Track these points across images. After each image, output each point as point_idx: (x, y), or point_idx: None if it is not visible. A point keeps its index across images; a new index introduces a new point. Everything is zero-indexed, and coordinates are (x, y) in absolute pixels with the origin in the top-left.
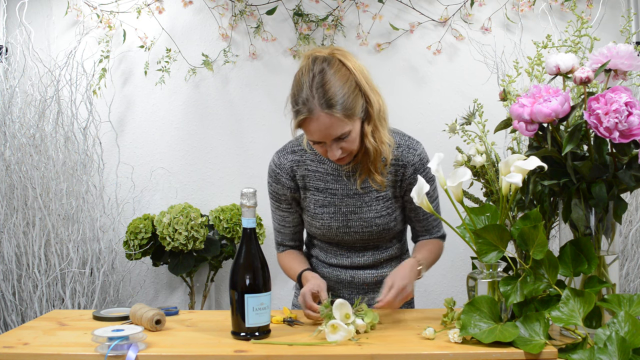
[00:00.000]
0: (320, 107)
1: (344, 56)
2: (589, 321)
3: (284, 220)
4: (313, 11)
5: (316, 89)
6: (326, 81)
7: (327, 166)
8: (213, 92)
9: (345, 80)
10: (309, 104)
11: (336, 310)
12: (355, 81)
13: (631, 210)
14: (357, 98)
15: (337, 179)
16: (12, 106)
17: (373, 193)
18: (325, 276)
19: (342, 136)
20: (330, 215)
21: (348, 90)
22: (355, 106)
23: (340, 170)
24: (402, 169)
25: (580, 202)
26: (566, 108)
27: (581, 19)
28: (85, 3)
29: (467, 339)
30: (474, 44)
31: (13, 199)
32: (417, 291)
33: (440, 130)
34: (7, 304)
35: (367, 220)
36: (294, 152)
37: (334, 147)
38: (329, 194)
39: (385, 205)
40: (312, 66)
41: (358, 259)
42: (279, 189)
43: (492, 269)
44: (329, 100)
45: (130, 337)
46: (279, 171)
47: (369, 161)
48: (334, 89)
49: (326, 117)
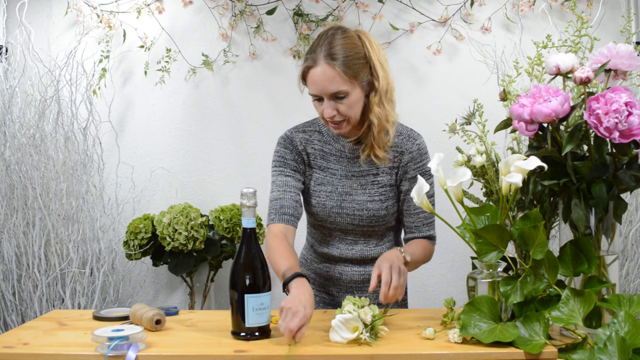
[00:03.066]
0: (323, 58)
1: (362, 33)
2: (589, 321)
3: (286, 185)
4: (313, 11)
5: (324, 44)
6: (335, 40)
7: (332, 147)
8: (213, 92)
9: (353, 47)
10: (315, 54)
11: (343, 324)
12: (365, 53)
13: (631, 210)
14: (362, 66)
15: (340, 159)
16: (12, 106)
17: (370, 177)
18: (316, 272)
19: (338, 94)
20: (326, 194)
21: (353, 54)
22: (357, 70)
23: (344, 151)
24: (400, 155)
25: (580, 202)
26: (566, 108)
27: (581, 19)
28: (85, 3)
29: (467, 339)
30: (474, 44)
31: (13, 199)
32: (417, 291)
33: (440, 130)
34: (7, 304)
35: (359, 203)
36: (304, 131)
37: (329, 105)
38: (329, 173)
39: (379, 191)
40: (328, 30)
41: (347, 252)
42: (287, 153)
43: (492, 269)
44: (332, 54)
45: (130, 337)
46: (290, 140)
47: (373, 136)
48: (340, 47)
49: (326, 67)
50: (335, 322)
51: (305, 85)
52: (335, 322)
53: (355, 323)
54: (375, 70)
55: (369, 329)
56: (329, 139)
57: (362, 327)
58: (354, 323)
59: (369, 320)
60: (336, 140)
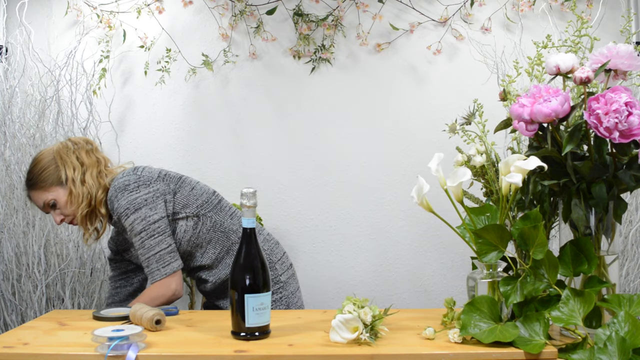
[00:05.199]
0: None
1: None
2: (589, 321)
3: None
4: (313, 11)
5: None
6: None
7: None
8: (213, 92)
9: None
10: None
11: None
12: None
13: (631, 210)
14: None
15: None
16: (12, 106)
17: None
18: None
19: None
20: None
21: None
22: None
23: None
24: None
25: (580, 202)
26: (566, 108)
27: (581, 19)
28: (85, 3)
29: (467, 339)
30: (474, 44)
31: (13, 199)
32: (417, 291)
33: (440, 130)
34: (7, 304)
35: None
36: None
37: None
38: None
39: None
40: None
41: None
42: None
43: (492, 269)
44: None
45: (130, 337)
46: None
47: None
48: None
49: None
50: (335, 322)
51: None
52: (335, 322)
53: (355, 323)
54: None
55: (369, 329)
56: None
57: (362, 327)
58: (354, 323)
59: (369, 320)
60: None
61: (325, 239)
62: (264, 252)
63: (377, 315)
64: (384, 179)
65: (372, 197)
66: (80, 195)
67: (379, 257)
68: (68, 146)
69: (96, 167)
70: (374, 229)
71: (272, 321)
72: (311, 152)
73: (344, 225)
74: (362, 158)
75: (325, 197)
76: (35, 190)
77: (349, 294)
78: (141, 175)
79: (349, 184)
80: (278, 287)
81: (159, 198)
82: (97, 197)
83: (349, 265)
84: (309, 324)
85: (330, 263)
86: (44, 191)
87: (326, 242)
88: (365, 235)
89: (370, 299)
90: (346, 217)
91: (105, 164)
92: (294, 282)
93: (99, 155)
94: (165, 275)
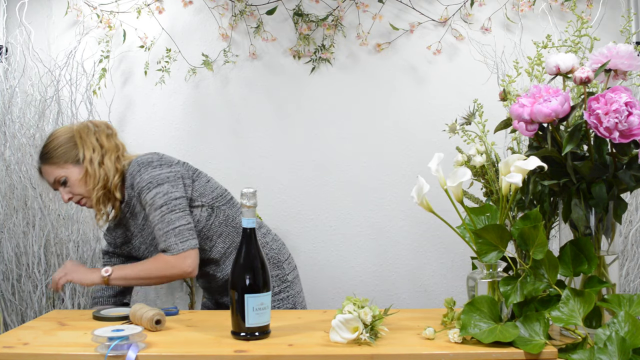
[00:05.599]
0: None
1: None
2: (589, 321)
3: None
4: (313, 11)
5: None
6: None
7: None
8: (213, 92)
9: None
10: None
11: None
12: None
13: (631, 210)
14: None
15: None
16: (12, 106)
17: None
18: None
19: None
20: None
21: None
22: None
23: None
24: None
25: (580, 202)
26: (566, 108)
27: (581, 19)
28: (85, 3)
29: (467, 339)
30: (474, 44)
31: (13, 199)
32: (417, 291)
33: (440, 130)
34: (7, 304)
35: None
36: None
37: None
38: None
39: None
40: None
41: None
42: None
43: (492, 269)
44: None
45: (130, 337)
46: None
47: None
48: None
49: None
50: (335, 322)
51: None
52: (335, 322)
53: (355, 323)
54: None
55: (369, 329)
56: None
57: (362, 327)
58: (354, 323)
59: (369, 320)
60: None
61: (325, 239)
62: (273, 252)
63: (377, 315)
64: (384, 179)
65: (372, 197)
66: (97, 176)
67: (379, 257)
68: (89, 127)
69: (115, 152)
70: (374, 229)
71: (272, 321)
72: (311, 152)
73: (344, 225)
74: (362, 158)
75: (325, 197)
76: (49, 164)
77: (349, 294)
78: (163, 156)
79: (349, 184)
80: (285, 286)
81: (179, 180)
82: (113, 181)
83: (349, 265)
84: (309, 324)
85: (330, 263)
86: (58, 167)
87: (326, 242)
88: (365, 235)
89: (370, 299)
90: (346, 217)
91: (123, 151)
92: (299, 282)
93: (117, 142)
94: (182, 250)
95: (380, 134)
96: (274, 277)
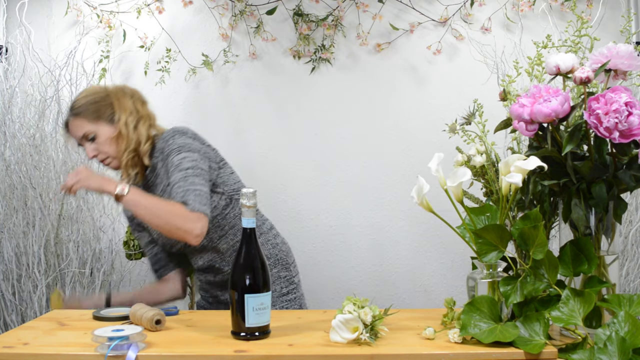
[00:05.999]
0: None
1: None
2: (589, 321)
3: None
4: (313, 11)
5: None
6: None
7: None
8: (213, 92)
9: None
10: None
11: (343, 325)
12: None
13: (631, 210)
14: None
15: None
16: (12, 106)
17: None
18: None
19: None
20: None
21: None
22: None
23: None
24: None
25: (580, 202)
26: (566, 108)
27: (581, 19)
28: (85, 3)
29: (467, 339)
30: (474, 44)
31: (13, 199)
32: (417, 291)
33: (440, 130)
34: (7, 304)
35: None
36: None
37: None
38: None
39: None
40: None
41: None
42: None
43: (492, 269)
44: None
45: (130, 337)
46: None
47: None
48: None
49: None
50: (335, 322)
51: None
52: (335, 322)
53: (355, 323)
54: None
55: (369, 329)
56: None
57: (362, 327)
58: (354, 323)
59: (369, 320)
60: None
61: (325, 239)
62: (282, 253)
63: (377, 316)
64: (384, 179)
65: (372, 197)
66: (130, 139)
67: (379, 257)
68: (125, 91)
69: (148, 119)
70: (374, 229)
71: (272, 321)
72: (311, 152)
73: (344, 225)
74: (362, 158)
75: (325, 197)
76: (80, 118)
77: (349, 294)
78: (197, 134)
79: (349, 184)
80: (293, 287)
81: (207, 160)
82: (144, 147)
83: (349, 265)
84: (309, 324)
85: (330, 263)
86: (89, 122)
87: (326, 242)
88: (365, 235)
89: (370, 299)
90: (346, 217)
91: (154, 121)
92: (302, 285)
93: (150, 112)
94: (198, 211)
95: (380, 134)
96: (283, 278)
